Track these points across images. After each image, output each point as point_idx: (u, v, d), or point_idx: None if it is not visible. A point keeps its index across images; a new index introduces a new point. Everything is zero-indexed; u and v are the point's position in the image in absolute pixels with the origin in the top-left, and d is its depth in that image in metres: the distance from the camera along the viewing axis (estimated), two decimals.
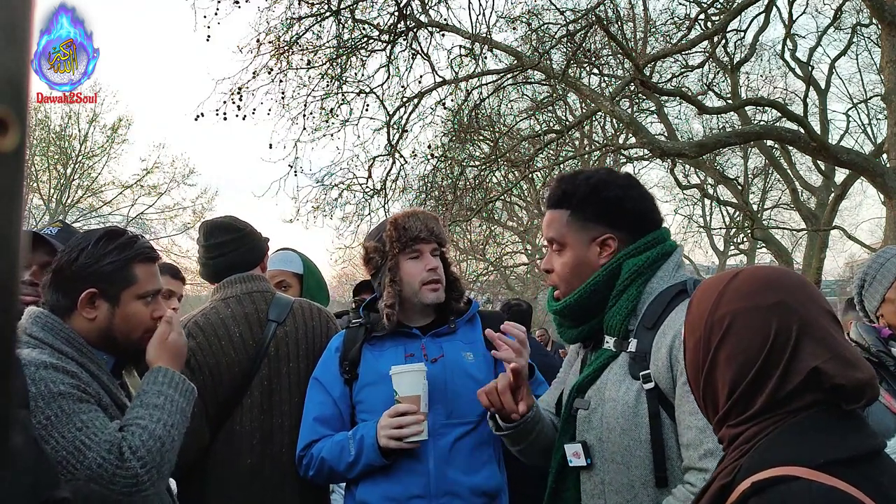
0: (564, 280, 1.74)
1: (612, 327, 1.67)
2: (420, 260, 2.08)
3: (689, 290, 1.60)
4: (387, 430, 1.92)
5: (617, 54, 12.03)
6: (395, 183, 11.08)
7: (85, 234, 1.66)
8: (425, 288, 2.06)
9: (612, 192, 1.72)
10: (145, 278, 1.66)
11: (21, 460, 0.50)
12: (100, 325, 1.61)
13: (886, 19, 7.80)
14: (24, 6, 0.45)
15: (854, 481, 0.91)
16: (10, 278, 0.45)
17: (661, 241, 1.71)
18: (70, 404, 1.42)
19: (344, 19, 9.35)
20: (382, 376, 2.02)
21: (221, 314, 2.26)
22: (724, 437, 1.08)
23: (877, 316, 2.27)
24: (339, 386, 2.10)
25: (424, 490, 1.94)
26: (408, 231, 2.07)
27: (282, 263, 2.91)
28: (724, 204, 18.01)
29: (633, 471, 1.55)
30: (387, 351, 2.08)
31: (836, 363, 0.99)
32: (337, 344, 2.16)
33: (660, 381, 1.53)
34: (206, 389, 2.13)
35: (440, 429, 1.99)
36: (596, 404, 1.64)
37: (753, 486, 0.94)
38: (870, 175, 8.08)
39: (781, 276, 1.10)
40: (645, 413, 1.54)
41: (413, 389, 1.94)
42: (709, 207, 21.49)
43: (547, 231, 1.77)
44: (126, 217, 23.50)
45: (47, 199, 23.44)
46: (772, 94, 16.92)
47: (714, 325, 1.08)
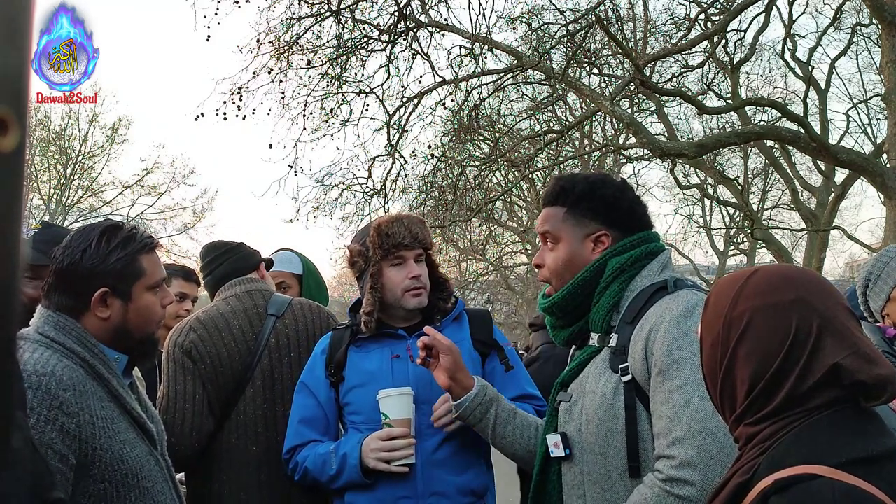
0: (556, 274, 1.76)
1: (595, 323, 1.70)
2: (403, 267, 2.05)
3: (668, 287, 1.63)
4: (377, 454, 1.92)
5: (617, 54, 12.02)
6: (395, 183, 11.08)
7: (81, 232, 1.63)
8: (408, 294, 2.04)
9: (608, 190, 1.75)
10: (152, 269, 1.66)
11: (21, 461, 0.50)
12: (114, 322, 1.60)
13: (886, 19, 7.80)
14: (24, 6, 0.45)
15: (874, 481, 0.91)
16: (10, 278, 0.45)
17: (647, 241, 1.74)
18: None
19: (344, 19, 9.34)
20: (369, 377, 2.02)
21: (221, 310, 2.34)
22: (741, 436, 1.08)
23: (882, 315, 2.26)
24: (325, 389, 2.09)
25: (411, 491, 1.94)
26: (391, 237, 2.04)
27: (281, 264, 2.91)
28: (724, 204, 18.01)
29: (609, 461, 1.57)
30: (373, 352, 2.07)
31: (856, 359, 0.99)
32: (323, 346, 2.16)
33: (636, 373, 1.56)
34: (210, 379, 2.22)
35: (427, 430, 1.98)
36: (577, 397, 1.68)
37: (775, 483, 0.94)
38: (870, 175, 8.09)
39: (799, 273, 1.11)
40: (622, 405, 1.57)
41: (403, 412, 1.94)
42: (709, 207, 21.49)
43: (541, 226, 1.79)
44: (126, 217, 23.50)
45: (47, 199, 23.43)
46: (772, 94, 16.92)
47: (732, 322, 1.08)
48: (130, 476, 1.51)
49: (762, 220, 17.70)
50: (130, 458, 1.53)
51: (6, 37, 0.44)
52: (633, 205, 1.77)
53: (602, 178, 1.80)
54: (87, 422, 1.46)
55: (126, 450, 1.52)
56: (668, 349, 1.49)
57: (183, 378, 2.21)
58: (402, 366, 2.03)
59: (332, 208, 11.78)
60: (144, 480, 1.55)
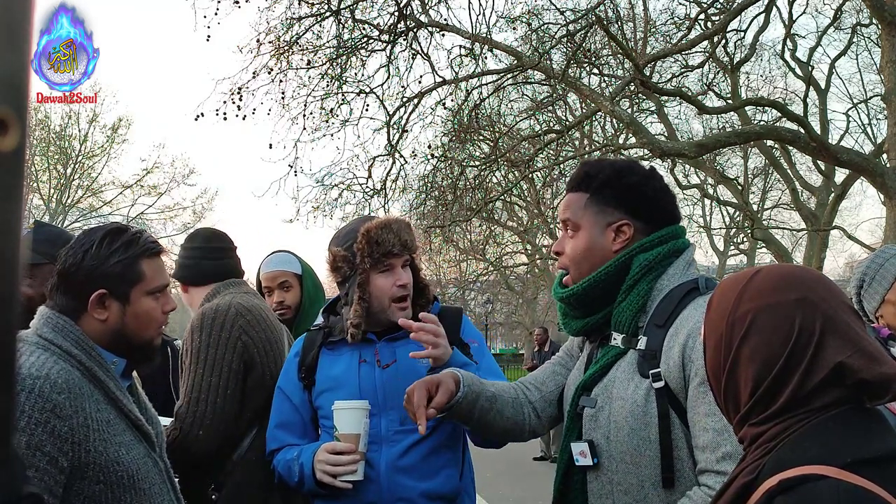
0: (574, 263, 1.70)
1: (620, 323, 1.63)
2: (391, 274, 2.00)
3: (700, 288, 1.58)
4: (322, 466, 1.89)
5: (617, 54, 12.03)
6: (395, 183, 11.10)
7: (87, 234, 1.64)
8: (395, 306, 2.00)
9: (634, 178, 1.67)
10: (153, 274, 1.64)
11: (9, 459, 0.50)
12: (111, 325, 1.60)
13: (886, 19, 7.80)
14: (24, 6, 0.45)
15: (880, 482, 0.91)
16: (10, 278, 0.45)
17: (674, 236, 1.67)
18: None
19: (344, 19, 9.35)
20: (338, 382, 2.00)
21: (255, 301, 2.31)
22: (746, 437, 1.07)
23: (876, 316, 2.26)
24: (299, 392, 2.08)
25: (377, 496, 1.92)
26: (381, 246, 1.98)
27: (282, 264, 2.91)
28: (724, 204, 18.02)
29: (642, 470, 1.51)
30: (343, 356, 2.05)
31: (860, 358, 0.99)
32: (297, 349, 2.13)
33: (670, 380, 1.50)
34: (263, 364, 2.23)
35: (393, 435, 1.96)
36: (603, 402, 1.61)
37: (781, 484, 0.94)
38: (870, 175, 8.09)
39: (802, 272, 1.11)
40: (654, 413, 1.50)
41: (352, 427, 1.90)
42: (709, 207, 21.52)
43: (563, 212, 1.73)
44: (126, 217, 23.52)
45: (47, 199, 23.45)
46: (772, 94, 16.93)
47: (736, 322, 1.08)
48: (126, 478, 1.51)
49: (762, 220, 17.72)
50: (126, 459, 1.52)
51: (6, 37, 0.44)
52: (658, 194, 1.68)
53: (629, 166, 1.71)
54: (80, 424, 1.46)
55: (122, 452, 1.52)
56: None
57: (219, 370, 2.16)
58: (368, 370, 2.01)
59: (332, 208, 11.80)
60: (141, 482, 1.54)
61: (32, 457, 1.37)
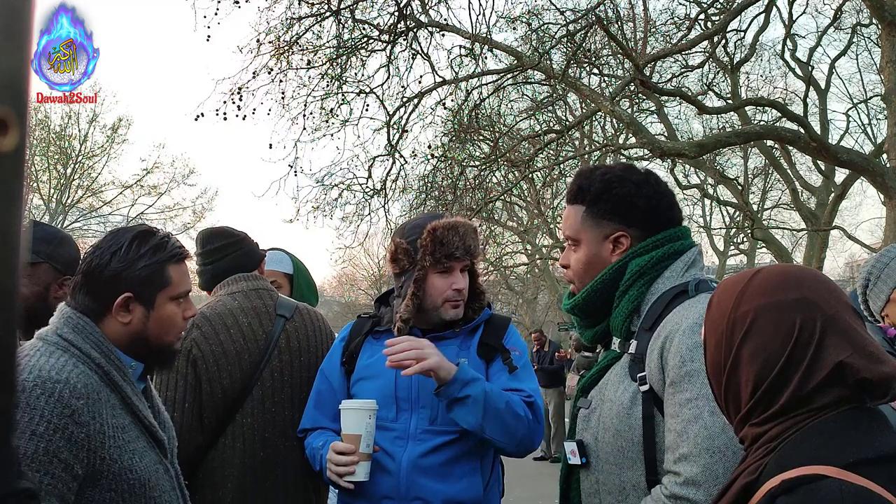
0: (578, 276, 1.73)
1: (615, 328, 1.66)
2: (449, 276, 2.01)
3: (689, 291, 1.57)
4: (330, 465, 1.91)
5: (617, 54, 12.02)
6: (395, 183, 11.09)
7: (114, 235, 1.62)
8: (447, 304, 2.02)
9: (624, 188, 1.68)
10: (179, 279, 1.64)
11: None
12: (134, 328, 1.59)
13: (886, 19, 7.80)
14: (24, 6, 0.45)
15: (882, 482, 0.91)
16: (10, 278, 0.45)
17: (672, 239, 1.67)
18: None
19: (344, 19, 9.34)
20: (376, 372, 2.01)
21: (228, 306, 2.24)
22: (747, 437, 1.07)
23: (882, 316, 2.26)
24: (338, 376, 2.10)
25: (393, 492, 1.92)
26: (444, 246, 1.99)
27: (271, 263, 2.89)
28: (724, 204, 18.02)
29: (624, 472, 1.54)
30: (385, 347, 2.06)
31: (861, 357, 0.99)
32: (344, 334, 2.17)
33: (653, 383, 1.52)
34: (213, 379, 2.13)
35: (421, 434, 1.96)
36: (596, 404, 1.64)
37: (783, 484, 0.94)
38: (870, 175, 8.08)
39: (802, 272, 1.11)
40: (639, 415, 1.52)
41: (354, 428, 1.89)
42: (709, 207, 21.52)
43: (564, 227, 1.76)
44: (126, 217, 23.55)
45: (47, 199, 23.45)
46: (772, 94, 16.93)
47: (736, 322, 1.08)
48: (138, 486, 1.50)
49: (762, 220, 17.71)
50: (139, 467, 1.52)
51: (6, 37, 0.44)
52: (652, 201, 1.68)
53: (620, 175, 1.71)
54: (97, 431, 1.46)
55: (135, 459, 1.52)
56: (682, 360, 1.43)
57: (175, 384, 2.12)
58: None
59: (332, 208, 11.78)
60: (152, 490, 1.54)
61: (49, 464, 1.37)
